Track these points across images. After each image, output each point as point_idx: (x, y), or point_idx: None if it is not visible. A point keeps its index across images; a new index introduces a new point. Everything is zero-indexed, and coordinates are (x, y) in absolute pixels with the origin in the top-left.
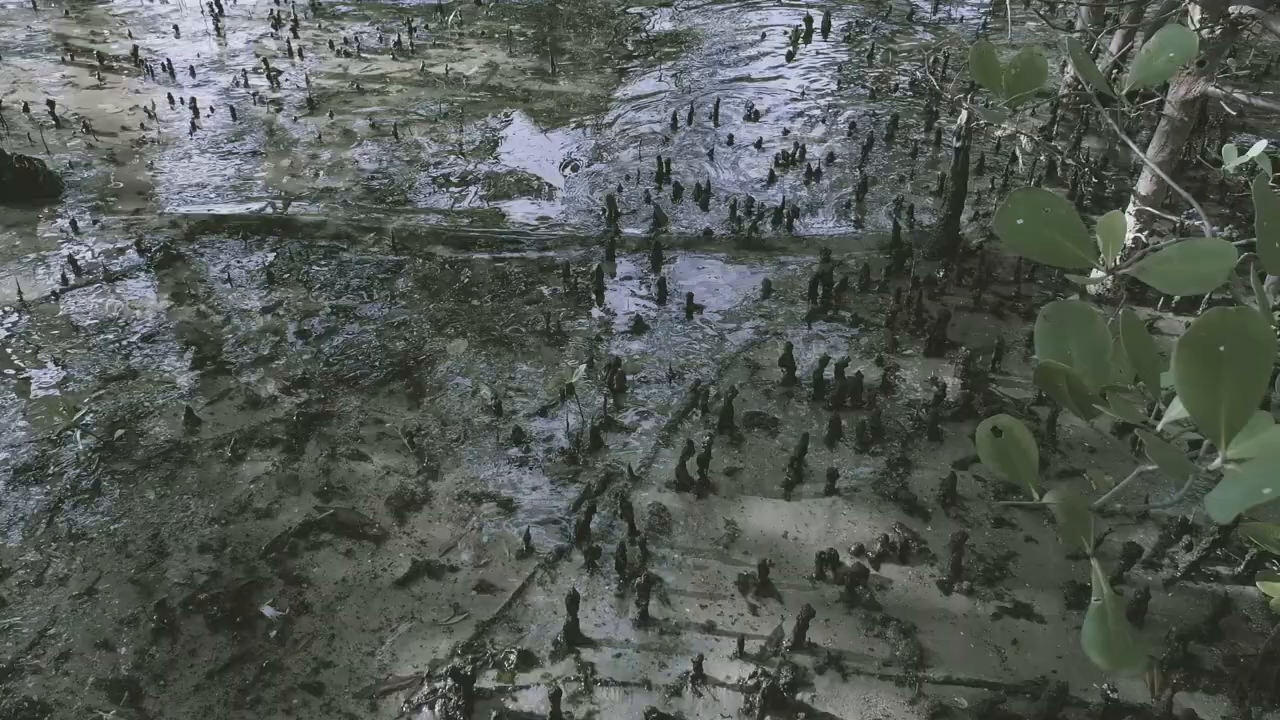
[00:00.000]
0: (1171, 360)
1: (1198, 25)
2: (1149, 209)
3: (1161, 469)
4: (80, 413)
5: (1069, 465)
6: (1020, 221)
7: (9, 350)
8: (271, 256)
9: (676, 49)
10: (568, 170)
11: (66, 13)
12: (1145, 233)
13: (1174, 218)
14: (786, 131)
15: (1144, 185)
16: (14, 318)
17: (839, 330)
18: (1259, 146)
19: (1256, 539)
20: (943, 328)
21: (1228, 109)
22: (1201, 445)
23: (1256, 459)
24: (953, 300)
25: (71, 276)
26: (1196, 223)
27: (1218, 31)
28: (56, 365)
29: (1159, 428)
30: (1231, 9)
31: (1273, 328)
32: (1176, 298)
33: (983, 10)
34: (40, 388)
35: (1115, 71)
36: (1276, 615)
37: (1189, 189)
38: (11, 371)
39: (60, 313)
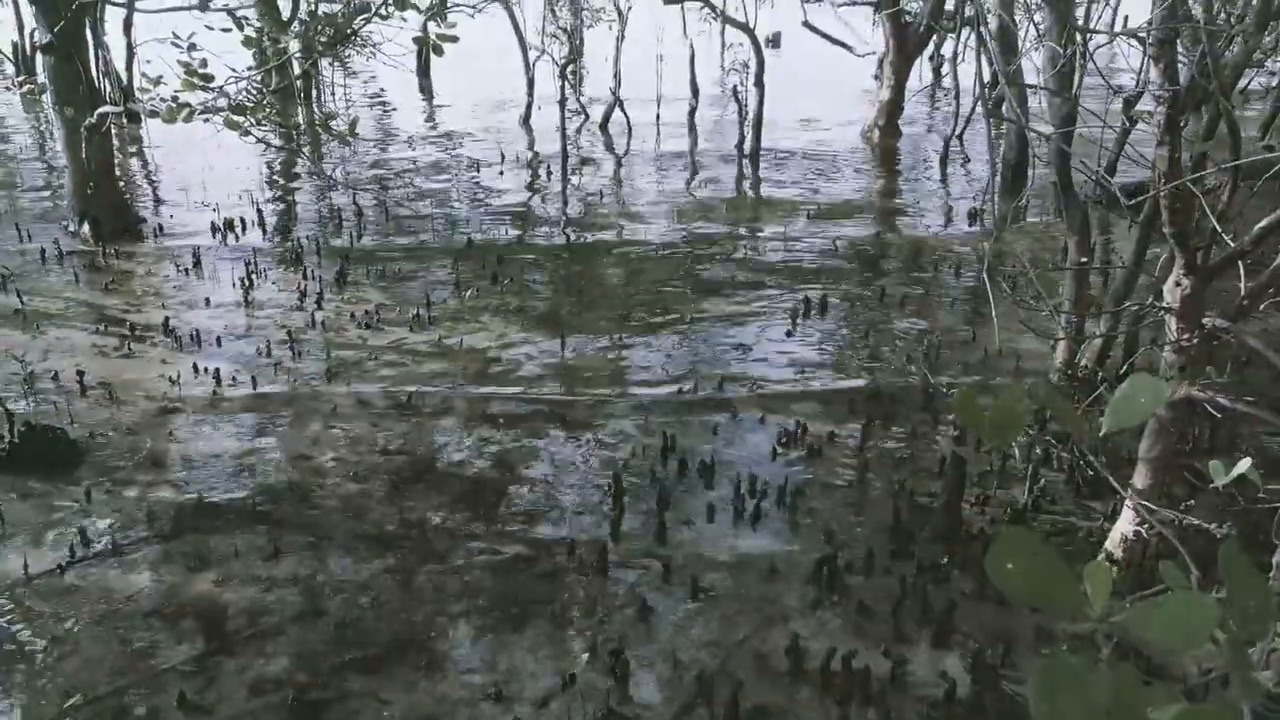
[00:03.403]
0: None
1: (1175, 335)
2: (1146, 504)
3: None
4: (73, 698)
5: None
6: (1010, 566)
7: (7, 626)
8: (281, 533)
9: (680, 320)
10: (574, 451)
11: (105, 285)
12: (1145, 526)
13: (1173, 514)
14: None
15: (1140, 479)
16: (16, 592)
17: (844, 617)
18: (1244, 464)
19: None
20: (949, 617)
21: (1212, 411)
22: None
23: None
24: (958, 586)
25: (79, 549)
26: (1195, 520)
27: (1195, 341)
28: (53, 643)
29: None
30: (1205, 321)
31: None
32: None
33: (970, 294)
34: (35, 668)
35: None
36: None
37: (1186, 481)
38: (7, 650)
39: (64, 587)
